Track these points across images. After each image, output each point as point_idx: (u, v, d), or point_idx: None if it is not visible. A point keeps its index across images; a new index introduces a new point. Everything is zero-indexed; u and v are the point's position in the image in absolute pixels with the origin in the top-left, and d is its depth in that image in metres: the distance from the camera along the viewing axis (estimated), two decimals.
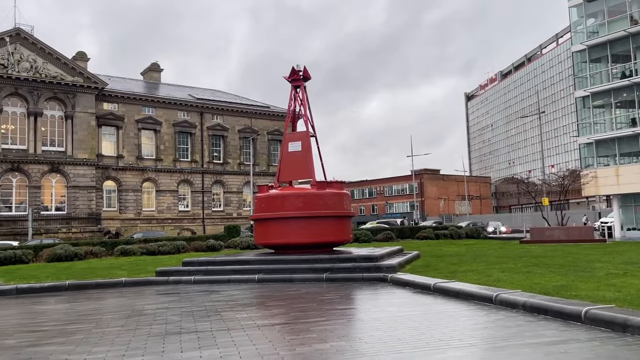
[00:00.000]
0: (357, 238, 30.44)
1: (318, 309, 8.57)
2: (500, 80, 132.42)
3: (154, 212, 52.78)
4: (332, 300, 9.37)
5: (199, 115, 55.72)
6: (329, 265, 13.30)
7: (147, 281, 13.62)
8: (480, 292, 8.88)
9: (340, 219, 15.64)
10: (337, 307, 8.79)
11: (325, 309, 8.57)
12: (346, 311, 8.25)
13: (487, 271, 12.42)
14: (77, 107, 47.56)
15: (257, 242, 16.13)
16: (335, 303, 9.17)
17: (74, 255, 22.21)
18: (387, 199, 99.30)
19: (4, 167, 44.19)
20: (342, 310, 8.30)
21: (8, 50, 44.46)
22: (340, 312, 8.16)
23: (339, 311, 8.27)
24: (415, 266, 14.45)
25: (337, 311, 8.28)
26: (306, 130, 16.35)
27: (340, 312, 8.22)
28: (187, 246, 25.46)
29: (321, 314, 8.06)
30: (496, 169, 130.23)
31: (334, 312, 8.27)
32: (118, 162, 51.05)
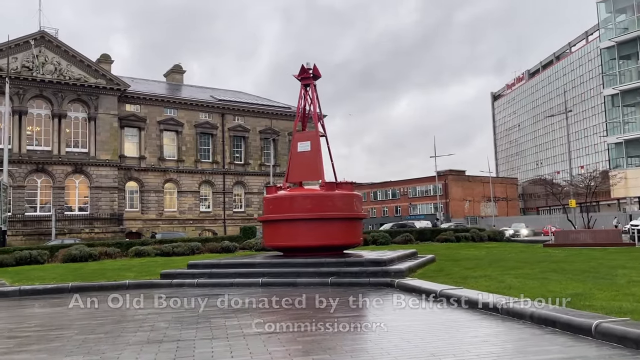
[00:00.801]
0: (374, 240, 29.93)
1: (312, 317, 8.14)
2: (528, 79, 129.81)
3: (176, 212, 53.07)
4: (330, 307, 8.92)
5: (220, 116, 55.84)
6: (335, 269, 12.85)
7: (150, 284, 13.39)
8: (486, 300, 8.32)
9: (350, 221, 15.18)
10: (332, 315, 8.34)
11: (320, 317, 8.13)
12: (340, 319, 7.79)
13: (500, 277, 11.80)
14: (100, 109, 48.13)
15: (266, 244, 15.79)
16: (332, 310, 8.73)
17: (89, 256, 22.23)
18: (410, 201, 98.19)
19: (29, 168, 44.96)
20: (336, 319, 7.85)
21: (33, 53, 45.23)
22: (334, 321, 7.71)
23: (333, 319, 7.82)
24: (427, 271, 13.89)
25: (330, 319, 7.83)
26: (315, 130, 15.93)
27: (334, 320, 7.76)
28: (202, 247, 25.29)
29: (314, 322, 7.63)
30: (523, 170, 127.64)
31: (328, 320, 7.82)
32: (140, 163, 51.48)
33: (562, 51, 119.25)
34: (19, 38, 44.94)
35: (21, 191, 44.51)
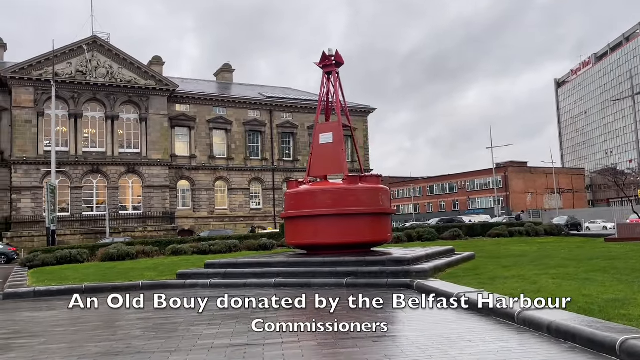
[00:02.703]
0: (420, 236, 28.64)
1: (302, 324, 7.25)
2: (595, 63, 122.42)
3: (227, 210, 53.47)
4: (327, 311, 8.00)
5: (268, 113, 55.75)
6: (353, 269, 11.90)
7: (164, 284, 12.96)
8: (502, 306, 7.15)
9: (376, 217, 14.15)
10: (326, 321, 7.43)
11: (310, 324, 7.23)
12: (328, 328, 6.87)
13: (535, 277, 10.46)
14: (150, 110, 49.10)
15: (288, 242, 15.06)
16: (329, 315, 7.82)
17: (126, 254, 22.31)
18: (469, 194, 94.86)
19: (85, 169, 46.48)
20: (324, 327, 6.94)
21: (86, 58, 46.69)
22: (321, 329, 6.81)
23: (320, 328, 6.92)
24: (457, 270, 12.68)
25: (318, 327, 6.93)
26: (338, 120, 14.99)
27: (321, 328, 6.86)
28: (240, 245, 24.91)
29: (298, 330, 6.77)
30: (591, 160, 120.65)
31: (316, 327, 6.93)
32: (191, 162, 52.18)
33: (632, 32, 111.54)
34: (73, 44, 46.54)
35: (78, 192, 46.10)
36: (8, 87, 44.63)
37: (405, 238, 28.33)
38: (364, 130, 61.52)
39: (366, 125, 61.99)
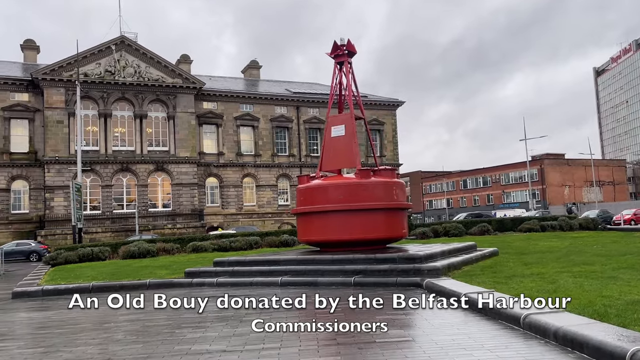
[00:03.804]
0: (446, 232, 27.77)
1: (293, 324, 6.79)
2: (636, 50, 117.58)
3: (255, 206, 53.50)
4: (322, 313, 7.51)
5: (295, 109, 55.45)
6: (363, 267, 11.36)
7: (170, 283, 12.71)
8: (508, 309, 6.52)
9: (390, 212, 13.55)
10: (317, 322, 6.94)
11: (303, 325, 6.76)
12: (310, 334, 6.39)
13: (556, 275, 9.72)
14: (178, 108, 49.44)
15: (300, 239, 14.60)
16: (321, 317, 7.33)
17: (147, 252, 22.29)
18: (503, 188, 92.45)
19: (115, 168, 47.17)
20: (307, 333, 6.45)
21: (114, 58, 47.30)
22: (304, 334, 6.33)
23: (304, 332, 6.44)
24: (474, 268, 11.97)
25: (302, 332, 6.45)
26: (350, 112, 14.43)
27: (304, 333, 6.38)
28: (261, 242, 24.60)
29: (280, 335, 6.32)
30: (633, 151, 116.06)
31: (300, 331, 6.45)
32: (219, 159, 52.37)
33: None
34: (101, 44, 47.21)
35: (109, 190, 46.83)
36: (40, 88, 45.62)
37: (432, 234, 27.55)
38: (392, 124, 60.59)
39: (395, 119, 61.01)
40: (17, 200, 46.14)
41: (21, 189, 46.20)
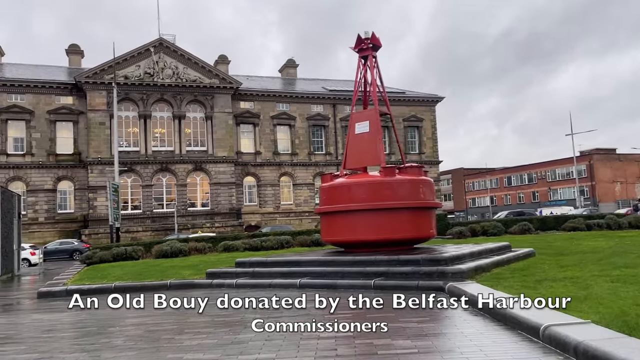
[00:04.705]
0: (484, 231, 26.80)
1: (289, 332, 6.43)
2: None
3: (292, 205, 53.47)
4: (321, 314, 7.11)
5: (331, 107, 55.11)
6: (384, 269, 10.87)
7: (191, 284, 12.57)
8: (528, 319, 5.93)
9: (416, 211, 12.98)
10: (318, 322, 6.54)
11: (300, 327, 6.39)
12: (310, 344, 5.99)
13: (591, 280, 8.97)
14: (215, 108, 49.92)
15: (323, 239, 14.22)
16: (331, 311, 6.94)
17: (179, 251, 22.39)
18: (549, 185, 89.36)
19: (155, 168, 48.05)
20: (307, 342, 6.06)
21: (153, 60, 48.15)
22: (304, 344, 5.94)
23: (305, 341, 6.05)
24: (504, 270, 11.27)
25: (301, 341, 6.07)
26: (375, 108, 13.92)
27: (305, 343, 5.99)
28: (292, 241, 24.35)
29: (264, 341, 5.96)
30: None
31: (300, 338, 6.07)
32: (256, 158, 52.60)
33: None
34: (140, 46, 48.16)
35: (149, 190, 47.74)
36: (83, 91, 46.94)
37: (469, 233, 26.68)
38: (431, 121, 59.38)
39: (434, 115, 59.77)
40: (63, 200, 47.68)
41: (67, 189, 47.72)
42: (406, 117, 57.66)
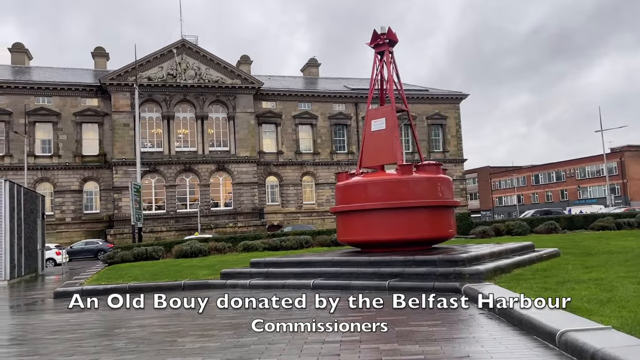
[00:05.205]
0: (509, 230, 26.15)
1: (293, 336, 6.20)
2: None
3: (314, 205, 53.30)
4: (329, 316, 6.86)
5: (353, 106, 54.74)
6: (400, 270, 10.56)
7: (205, 284, 12.46)
8: (544, 324, 5.58)
9: (434, 210, 12.63)
10: (318, 323, 6.31)
11: (294, 329, 6.16)
12: (314, 348, 5.75)
13: (616, 282, 8.51)
14: (237, 108, 50.06)
15: (339, 239, 13.94)
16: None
17: (199, 251, 22.40)
18: (579, 183, 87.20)
19: (178, 169, 48.43)
20: (310, 345, 5.83)
21: (176, 61, 48.54)
22: (307, 347, 5.71)
23: (308, 345, 5.82)
24: (526, 271, 10.84)
25: (305, 344, 5.84)
26: (391, 104, 13.60)
27: (308, 346, 5.76)
28: (312, 241, 24.13)
29: (267, 345, 5.73)
30: None
31: (304, 342, 5.84)
32: (278, 157, 52.59)
33: None
34: (163, 48, 48.58)
35: (173, 190, 48.13)
36: (108, 93, 47.59)
37: (493, 232, 26.09)
38: (456, 118, 58.52)
39: (458, 113, 58.87)
40: (89, 200, 48.42)
41: (92, 190, 48.44)
42: (430, 115, 56.94)
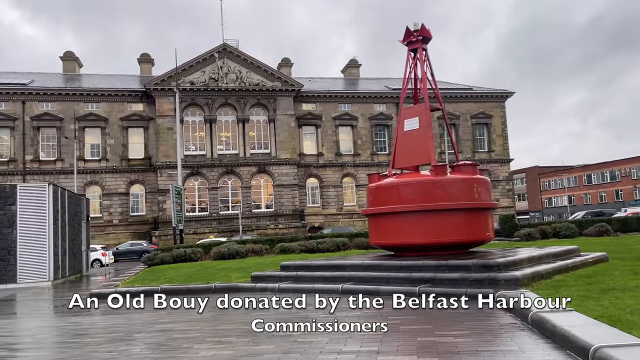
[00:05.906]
0: (556, 233, 25.08)
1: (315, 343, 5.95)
2: None
3: (355, 206, 52.86)
4: (351, 322, 6.56)
5: (394, 106, 54.01)
6: (432, 275, 10.14)
7: (235, 287, 12.38)
8: (578, 338, 5.11)
9: (470, 212, 12.11)
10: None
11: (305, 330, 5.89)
12: (311, 352, 5.47)
13: None
14: (277, 111, 50.30)
15: (371, 242, 13.60)
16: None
17: (236, 253, 22.48)
18: (635, 183, 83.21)
19: (220, 171, 49.05)
20: (309, 351, 5.55)
21: (217, 65, 49.22)
22: (306, 353, 5.44)
23: (308, 351, 5.55)
24: (568, 277, 10.21)
25: (305, 351, 5.57)
26: (425, 103, 13.16)
27: (307, 352, 5.49)
28: (349, 243, 23.82)
29: (281, 355, 5.49)
30: None
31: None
32: (318, 159, 52.50)
33: None
34: (205, 53, 49.38)
35: (215, 192, 48.80)
36: (152, 98, 48.74)
37: (538, 235, 25.07)
38: (501, 117, 56.90)
39: (504, 111, 57.23)
40: (135, 203, 49.70)
41: (138, 193, 49.69)
42: (474, 114, 55.56)
